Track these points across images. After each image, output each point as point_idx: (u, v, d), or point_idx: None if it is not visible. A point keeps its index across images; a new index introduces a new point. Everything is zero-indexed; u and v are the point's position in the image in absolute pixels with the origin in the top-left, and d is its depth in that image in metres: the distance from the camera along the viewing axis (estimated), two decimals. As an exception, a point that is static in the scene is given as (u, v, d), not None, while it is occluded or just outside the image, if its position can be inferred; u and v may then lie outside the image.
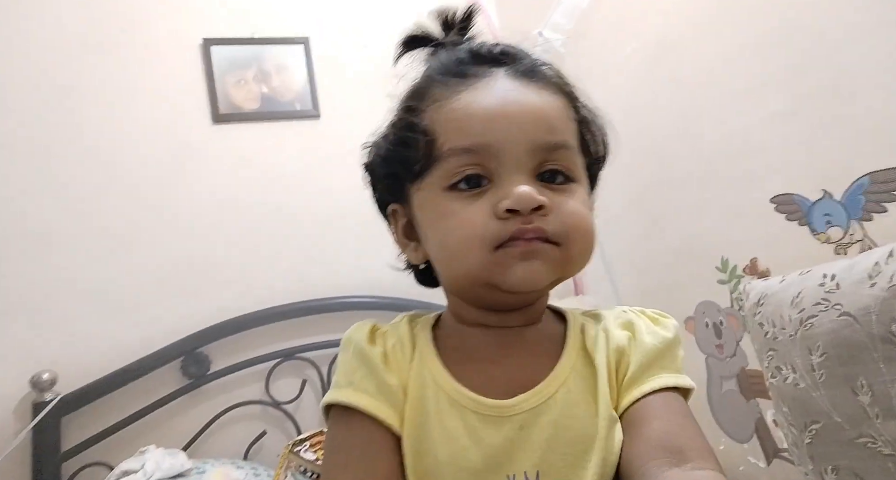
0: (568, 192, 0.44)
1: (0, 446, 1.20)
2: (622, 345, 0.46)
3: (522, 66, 0.46)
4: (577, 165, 0.46)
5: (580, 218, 0.43)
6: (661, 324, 0.48)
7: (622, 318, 0.48)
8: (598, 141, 0.50)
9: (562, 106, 0.46)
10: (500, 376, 0.44)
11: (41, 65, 1.42)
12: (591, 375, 0.44)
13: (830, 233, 0.86)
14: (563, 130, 0.45)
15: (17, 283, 1.33)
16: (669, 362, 0.45)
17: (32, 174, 1.38)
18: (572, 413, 0.42)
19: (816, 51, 0.85)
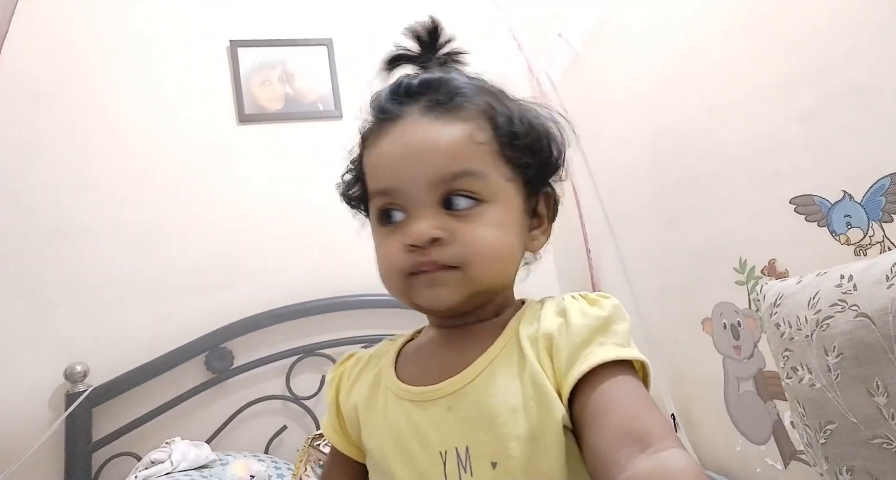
0: (473, 216, 0.47)
1: (35, 434, 1.26)
2: (550, 331, 0.46)
3: (439, 96, 0.49)
4: (489, 185, 0.47)
5: (479, 242, 0.46)
6: (598, 304, 0.48)
7: (560, 305, 0.49)
8: (538, 146, 0.50)
9: (469, 132, 0.47)
10: (435, 366, 0.50)
11: (77, 67, 1.48)
12: (521, 358, 0.46)
13: (850, 234, 0.86)
14: (466, 157, 0.47)
15: (53, 277, 1.39)
16: (605, 337, 0.45)
17: (68, 171, 1.44)
18: (495, 393, 0.45)
19: (840, 51, 0.85)
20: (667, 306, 1.28)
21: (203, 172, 1.54)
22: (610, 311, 0.47)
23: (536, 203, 0.52)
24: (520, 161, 0.49)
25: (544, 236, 0.53)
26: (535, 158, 0.50)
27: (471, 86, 0.50)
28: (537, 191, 0.52)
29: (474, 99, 0.49)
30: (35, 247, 1.39)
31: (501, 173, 0.48)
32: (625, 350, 0.44)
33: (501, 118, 0.49)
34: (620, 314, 0.47)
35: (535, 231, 0.52)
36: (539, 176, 0.51)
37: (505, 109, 0.50)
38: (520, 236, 0.50)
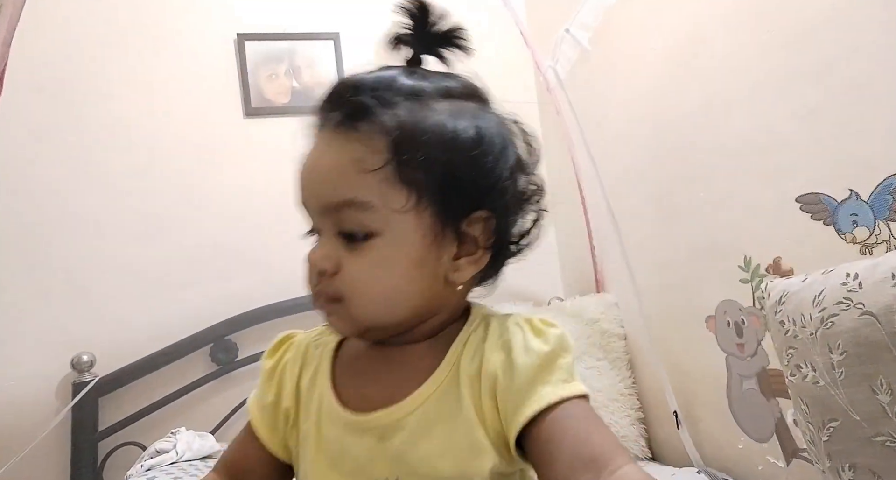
0: (363, 250, 0.43)
1: (42, 423, 1.27)
2: (493, 371, 0.44)
3: (346, 110, 0.44)
4: (377, 217, 0.43)
5: (356, 282, 0.44)
6: (543, 336, 0.45)
7: (503, 336, 0.46)
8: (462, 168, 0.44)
9: (359, 156, 0.43)
10: (371, 389, 0.48)
11: (83, 59, 1.48)
12: (458, 400, 0.45)
13: (856, 233, 0.85)
14: (349, 187, 0.43)
15: (59, 267, 1.40)
16: (550, 375, 0.43)
17: (74, 162, 1.45)
18: (426, 435, 0.44)
19: (847, 47, 0.84)
20: (671, 303, 1.28)
21: (209, 164, 1.54)
22: (554, 344, 0.45)
23: (463, 229, 0.45)
24: (428, 186, 0.43)
25: (473, 267, 0.46)
26: (455, 181, 0.43)
27: (388, 95, 0.44)
28: (464, 216, 0.45)
29: (381, 115, 0.43)
30: (42, 238, 1.40)
31: (395, 203, 0.43)
32: (568, 387, 0.43)
33: (408, 138, 0.42)
34: (564, 346, 0.45)
35: (461, 260, 0.46)
36: (465, 200, 0.44)
37: (419, 127, 0.43)
38: (419, 271, 0.44)
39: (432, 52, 0.49)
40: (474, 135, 0.44)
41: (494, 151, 0.45)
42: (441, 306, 0.48)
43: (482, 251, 0.46)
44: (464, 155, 0.44)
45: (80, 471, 1.28)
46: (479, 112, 0.47)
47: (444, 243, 0.45)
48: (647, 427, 1.41)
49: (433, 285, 0.45)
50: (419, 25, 0.48)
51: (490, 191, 0.45)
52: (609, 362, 1.43)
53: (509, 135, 0.48)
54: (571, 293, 1.66)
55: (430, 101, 0.45)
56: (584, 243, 1.61)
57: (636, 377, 1.44)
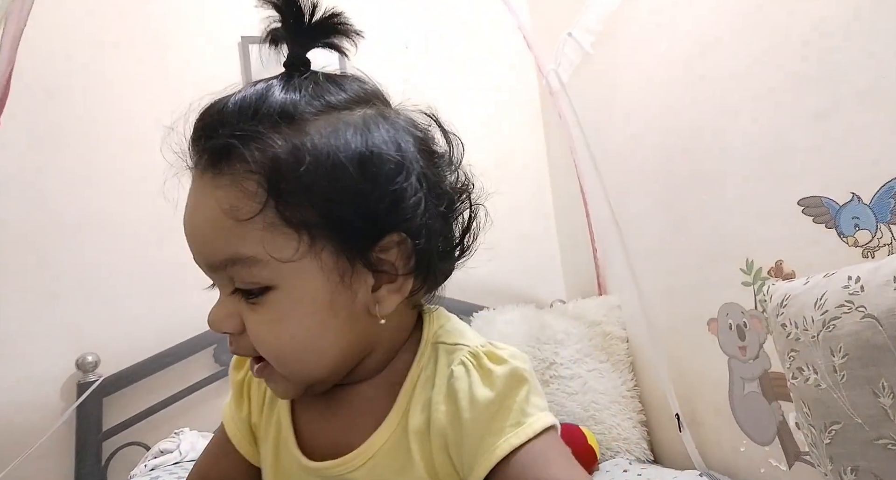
0: (262, 304, 0.39)
1: (47, 423, 1.28)
2: (443, 427, 0.42)
3: (208, 151, 0.39)
4: (265, 270, 0.38)
5: (266, 341, 0.40)
6: (489, 379, 0.41)
7: (449, 381, 0.42)
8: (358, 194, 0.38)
9: (230, 203, 0.37)
10: (325, 436, 0.46)
11: (89, 63, 1.50)
12: (407, 456, 0.43)
13: (858, 236, 0.86)
14: (228, 242, 0.38)
15: (66, 269, 1.41)
16: (500, 422, 0.40)
17: (81, 166, 1.46)
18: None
19: (854, 52, 0.85)
20: (673, 306, 1.29)
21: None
22: (501, 386, 0.41)
23: (375, 259, 0.40)
24: (318, 224, 0.37)
25: (397, 295, 0.41)
26: (349, 210, 0.38)
27: (254, 125, 0.38)
28: (372, 244, 0.39)
29: (247, 151, 0.37)
30: (48, 240, 1.41)
31: (284, 251, 0.37)
32: (520, 433, 0.40)
33: (283, 173, 0.37)
34: (514, 383, 0.41)
35: (381, 291, 0.41)
36: (367, 228, 0.39)
37: (294, 157, 0.37)
38: (332, 315, 0.40)
39: (316, 46, 0.43)
40: (362, 152, 0.38)
41: (389, 168, 0.39)
42: (375, 340, 0.44)
43: (402, 277, 0.41)
44: (353, 178, 0.37)
45: (85, 471, 1.29)
46: (366, 123, 0.40)
47: (357, 279, 0.40)
48: (649, 429, 1.41)
49: (355, 325, 0.41)
50: (292, 18, 0.42)
51: (394, 211, 0.39)
52: (611, 364, 1.43)
53: (410, 139, 0.41)
54: (573, 296, 1.66)
55: (304, 122, 0.39)
56: (586, 246, 1.62)
57: (638, 380, 1.44)
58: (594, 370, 1.41)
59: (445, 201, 0.43)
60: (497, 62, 1.82)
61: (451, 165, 0.45)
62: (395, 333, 0.46)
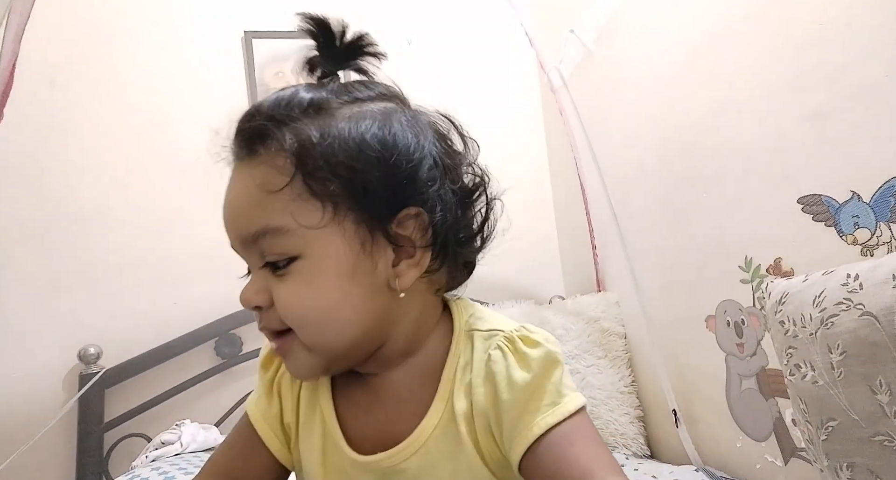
0: (289, 275, 0.42)
1: (49, 414, 1.28)
2: (485, 409, 0.44)
3: (245, 138, 0.43)
4: (293, 239, 0.41)
5: (291, 308, 0.42)
6: (525, 362, 0.44)
7: (488, 366, 0.45)
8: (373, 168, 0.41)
9: (262, 179, 0.41)
10: (371, 427, 0.47)
11: (94, 54, 1.50)
12: (457, 438, 0.45)
13: (857, 235, 0.86)
14: (259, 214, 0.41)
15: (69, 261, 1.41)
16: (537, 402, 0.43)
17: (84, 157, 1.46)
18: (431, 475, 0.45)
19: (854, 51, 0.85)
20: (671, 302, 1.29)
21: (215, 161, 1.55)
22: (537, 369, 0.44)
23: (394, 232, 0.43)
24: (342, 195, 0.41)
25: (415, 269, 0.43)
26: (370, 183, 0.41)
27: (285, 113, 0.42)
28: (391, 217, 0.42)
29: (278, 134, 0.42)
30: (52, 231, 1.41)
31: (310, 219, 0.41)
32: (557, 411, 0.43)
33: (310, 150, 0.41)
34: (549, 364, 0.44)
35: (401, 265, 0.43)
36: (386, 200, 0.42)
37: (320, 137, 0.41)
38: (354, 283, 0.42)
39: (346, 67, 0.48)
40: (380, 134, 0.42)
41: (406, 146, 0.43)
42: (396, 318, 0.45)
43: (420, 251, 0.43)
44: (372, 155, 0.41)
45: (86, 461, 1.29)
46: (386, 112, 0.44)
47: (377, 250, 0.42)
48: (646, 425, 1.42)
49: (376, 297, 0.43)
50: (325, 44, 0.47)
51: (411, 186, 0.42)
52: (609, 360, 1.44)
53: (425, 128, 0.45)
54: (572, 292, 1.67)
55: (331, 110, 0.43)
56: (585, 243, 1.62)
57: (636, 376, 1.45)
58: (592, 365, 1.42)
59: (461, 188, 0.46)
60: (498, 59, 1.82)
61: (466, 162, 0.48)
62: (419, 316, 0.47)
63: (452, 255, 0.46)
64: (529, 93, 1.84)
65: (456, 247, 0.46)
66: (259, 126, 0.42)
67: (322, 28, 0.46)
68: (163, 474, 1.00)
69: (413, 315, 0.46)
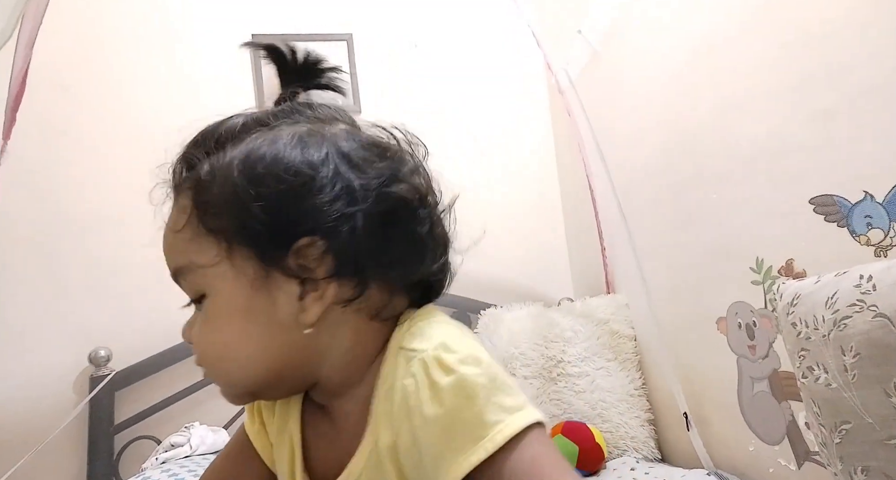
0: (201, 314, 0.43)
1: (60, 416, 1.29)
2: (407, 447, 0.40)
3: (171, 182, 0.44)
4: (199, 277, 0.42)
5: (197, 348, 0.43)
6: (437, 393, 0.38)
7: (405, 396, 0.39)
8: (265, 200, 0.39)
9: (172, 220, 0.43)
10: (321, 459, 0.47)
11: (104, 58, 1.51)
12: (385, 473, 0.42)
13: (871, 235, 0.85)
14: (172, 253, 0.43)
15: (79, 265, 1.42)
16: (461, 438, 0.37)
17: (94, 160, 1.48)
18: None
19: (864, 49, 0.84)
20: (682, 305, 1.28)
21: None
22: (448, 404, 0.37)
23: (292, 265, 0.40)
24: (233, 230, 0.40)
25: (319, 303, 0.41)
26: (259, 215, 0.39)
27: (197, 152, 0.43)
28: (286, 250, 0.40)
29: (187, 175, 0.43)
30: (62, 235, 1.42)
31: (206, 257, 0.41)
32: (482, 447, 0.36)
33: (203, 188, 0.41)
34: (464, 391, 0.37)
35: (307, 298, 0.41)
36: (279, 232, 0.40)
37: (212, 174, 0.41)
38: (251, 322, 0.41)
39: (305, 88, 0.48)
40: (261, 160, 0.40)
41: (292, 169, 0.40)
42: (319, 351, 0.42)
43: (323, 283, 0.40)
44: (251, 184, 0.39)
45: (97, 463, 1.30)
46: (281, 135, 0.42)
47: (274, 286, 0.40)
48: (657, 428, 1.41)
49: (281, 335, 0.41)
50: (281, 68, 0.48)
51: (301, 215, 0.40)
52: (619, 362, 1.43)
53: (334, 151, 0.42)
54: (581, 294, 1.66)
55: (238, 141, 0.42)
56: (594, 245, 1.61)
57: (646, 378, 1.44)
58: (602, 368, 1.41)
59: (380, 205, 0.41)
60: (505, 61, 1.82)
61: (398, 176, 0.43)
62: (352, 346, 0.43)
63: (381, 279, 0.43)
64: (537, 94, 1.84)
65: (384, 270, 0.42)
66: (174, 167, 0.44)
67: (274, 52, 0.47)
68: (173, 476, 1.00)
69: (343, 347, 0.43)
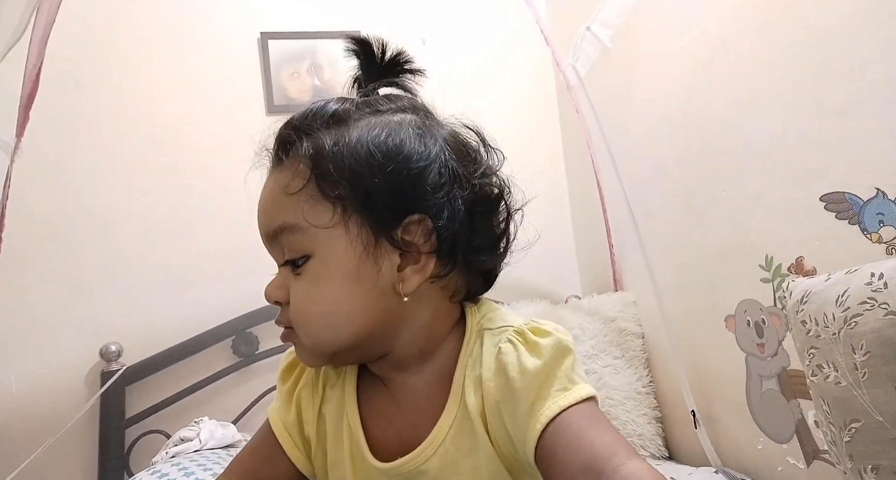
0: (303, 273, 0.45)
1: (72, 411, 1.31)
2: (496, 401, 0.44)
3: (275, 147, 0.48)
4: (307, 237, 0.44)
5: (296, 304, 0.45)
6: (536, 350, 0.44)
7: (498, 359, 0.45)
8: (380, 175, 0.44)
9: (285, 182, 0.45)
10: (391, 436, 0.48)
11: (116, 56, 1.52)
12: (473, 434, 0.45)
13: (882, 233, 0.84)
14: (279, 212, 0.45)
15: (90, 261, 1.44)
16: (547, 388, 0.43)
17: (106, 158, 1.49)
18: (453, 473, 0.45)
19: (878, 46, 0.83)
20: (690, 302, 1.28)
21: (233, 161, 1.57)
22: (548, 356, 0.44)
23: (399, 237, 0.44)
24: (350, 198, 0.44)
25: (419, 275, 0.45)
26: (377, 189, 0.43)
27: (308, 124, 0.46)
28: (397, 223, 0.44)
29: (301, 142, 0.46)
30: (75, 231, 1.44)
31: (321, 220, 0.44)
32: (566, 397, 0.42)
33: (324, 156, 0.44)
34: (560, 352, 0.44)
35: (406, 270, 0.45)
36: (393, 206, 0.44)
37: (334, 145, 0.44)
38: (356, 284, 0.44)
39: (386, 84, 0.52)
40: (386, 142, 0.44)
41: (410, 154, 0.45)
42: (402, 321, 0.46)
43: (425, 257, 0.45)
44: (376, 162, 0.44)
45: (108, 457, 1.32)
46: (399, 122, 0.47)
47: (381, 254, 0.44)
48: (665, 426, 1.40)
49: (379, 299, 0.44)
50: (366, 62, 0.52)
51: (414, 193, 0.44)
52: (626, 360, 1.43)
53: (437, 139, 0.47)
54: (589, 292, 1.65)
55: (350, 121, 0.46)
56: (602, 242, 1.61)
57: (653, 376, 1.43)
58: (609, 365, 1.41)
59: (474, 196, 0.46)
60: (514, 57, 1.82)
61: (487, 171, 0.49)
62: (430, 321, 0.48)
63: (464, 262, 0.47)
64: (545, 91, 1.83)
65: (468, 255, 0.47)
66: (285, 135, 0.47)
67: (363, 46, 0.51)
68: (183, 469, 1.01)
69: (423, 320, 0.48)
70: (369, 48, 0.51)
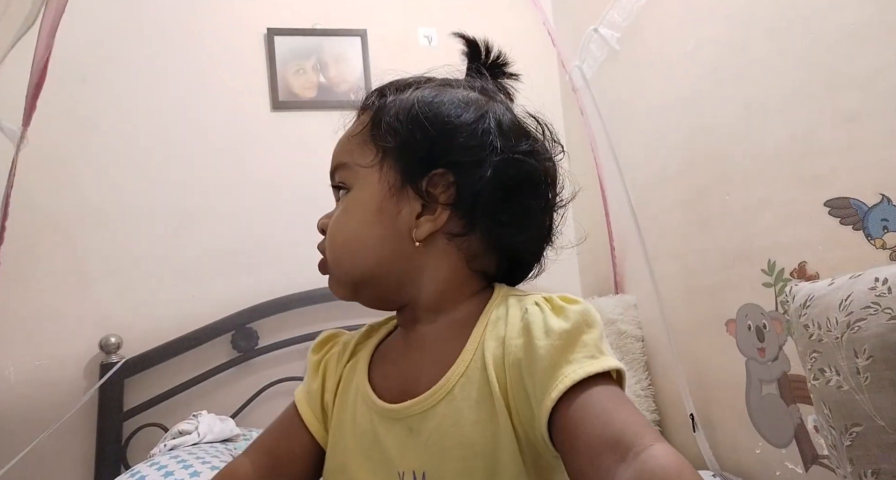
0: (340, 205, 0.52)
1: (70, 402, 1.31)
2: (517, 359, 0.43)
3: (359, 105, 0.54)
4: (352, 173, 0.51)
5: (330, 228, 0.51)
6: (563, 314, 0.44)
7: (524, 319, 0.45)
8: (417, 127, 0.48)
9: (351, 129, 0.53)
10: (398, 378, 0.50)
11: (119, 49, 1.52)
12: (485, 386, 0.44)
13: (886, 238, 0.84)
14: (340, 152, 0.53)
15: (93, 254, 1.44)
16: (573, 353, 0.41)
17: (112, 153, 1.49)
18: (456, 423, 0.43)
19: (886, 53, 0.83)
20: (690, 306, 1.28)
21: (237, 157, 1.57)
22: (575, 321, 0.42)
23: (423, 188, 0.48)
24: (391, 147, 0.49)
25: (431, 224, 0.48)
26: (415, 142, 0.48)
27: (387, 89, 0.53)
28: (423, 175, 0.48)
29: (375, 102, 0.52)
30: (78, 224, 1.44)
31: (364, 159, 0.50)
32: (594, 364, 0.40)
33: (382, 111, 0.51)
34: (588, 321, 0.43)
35: (422, 218, 0.48)
36: (423, 159, 0.48)
37: (393, 103, 0.50)
38: (377, 219, 0.48)
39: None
40: (433, 100, 0.50)
41: (448, 115, 0.49)
42: (418, 267, 0.49)
43: (441, 208, 0.48)
44: (418, 115, 0.49)
45: (106, 449, 1.32)
46: (463, 96, 0.51)
47: (404, 199, 0.48)
48: (663, 429, 1.40)
49: (394, 239, 0.48)
50: (472, 60, 0.57)
51: (445, 148, 0.48)
52: (626, 363, 1.43)
53: (492, 116, 0.50)
54: (590, 294, 1.65)
55: (419, 88, 0.52)
56: (604, 244, 1.61)
57: (653, 379, 1.43)
58: (609, 368, 1.41)
59: (509, 166, 0.48)
60: (519, 57, 1.81)
61: (535, 151, 0.51)
62: (447, 277, 0.50)
63: (488, 231, 0.49)
64: (549, 92, 1.83)
65: (493, 224, 0.49)
66: (369, 94, 0.54)
67: (472, 47, 0.57)
68: (181, 462, 1.01)
69: (440, 275, 0.50)
70: (476, 48, 0.57)
